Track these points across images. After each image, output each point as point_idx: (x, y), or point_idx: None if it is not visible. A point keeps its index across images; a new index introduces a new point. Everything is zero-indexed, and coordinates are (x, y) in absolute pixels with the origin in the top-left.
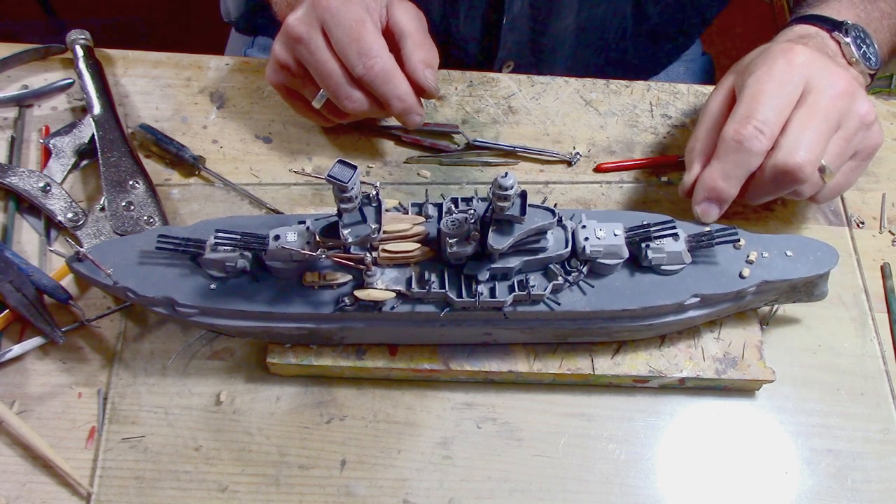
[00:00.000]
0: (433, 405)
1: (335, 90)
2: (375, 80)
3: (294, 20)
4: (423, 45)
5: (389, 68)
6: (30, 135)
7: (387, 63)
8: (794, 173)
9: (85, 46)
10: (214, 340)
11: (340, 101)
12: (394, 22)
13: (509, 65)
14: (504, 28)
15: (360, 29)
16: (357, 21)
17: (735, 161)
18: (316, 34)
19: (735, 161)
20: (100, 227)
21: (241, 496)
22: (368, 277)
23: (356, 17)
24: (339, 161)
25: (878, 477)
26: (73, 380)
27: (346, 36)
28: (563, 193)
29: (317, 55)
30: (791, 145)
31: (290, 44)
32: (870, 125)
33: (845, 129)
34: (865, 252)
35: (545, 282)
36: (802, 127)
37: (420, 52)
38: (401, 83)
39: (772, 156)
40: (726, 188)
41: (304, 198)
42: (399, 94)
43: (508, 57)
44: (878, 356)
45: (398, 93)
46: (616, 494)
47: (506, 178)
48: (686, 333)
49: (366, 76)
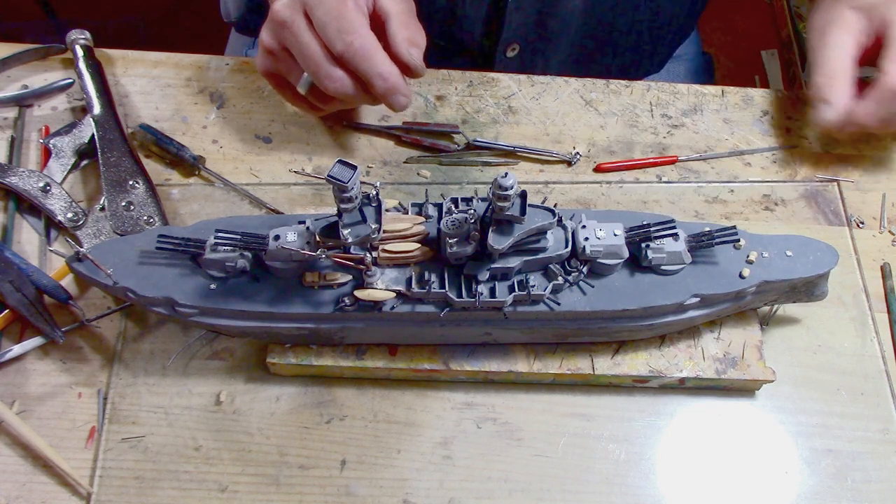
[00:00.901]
0: (433, 405)
1: (316, 70)
2: (355, 56)
3: (279, 5)
4: (409, 25)
5: (370, 45)
6: (30, 135)
7: (367, 39)
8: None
9: (85, 46)
10: (214, 340)
11: (322, 81)
12: (380, 5)
13: (514, 48)
14: (510, 7)
15: (341, 7)
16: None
17: (889, 108)
18: (299, 17)
19: (889, 108)
20: (100, 227)
21: (241, 496)
22: (368, 277)
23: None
24: (339, 161)
25: (878, 477)
26: (73, 380)
27: (326, 14)
28: (563, 193)
29: (299, 37)
30: None
31: (275, 29)
32: None
33: None
34: (865, 252)
35: (545, 282)
36: None
37: (404, 31)
38: (382, 61)
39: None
40: (874, 125)
41: (304, 198)
42: (381, 73)
43: (513, 38)
44: (878, 356)
45: (380, 70)
46: (616, 494)
47: (506, 178)
48: (686, 333)
49: (346, 53)
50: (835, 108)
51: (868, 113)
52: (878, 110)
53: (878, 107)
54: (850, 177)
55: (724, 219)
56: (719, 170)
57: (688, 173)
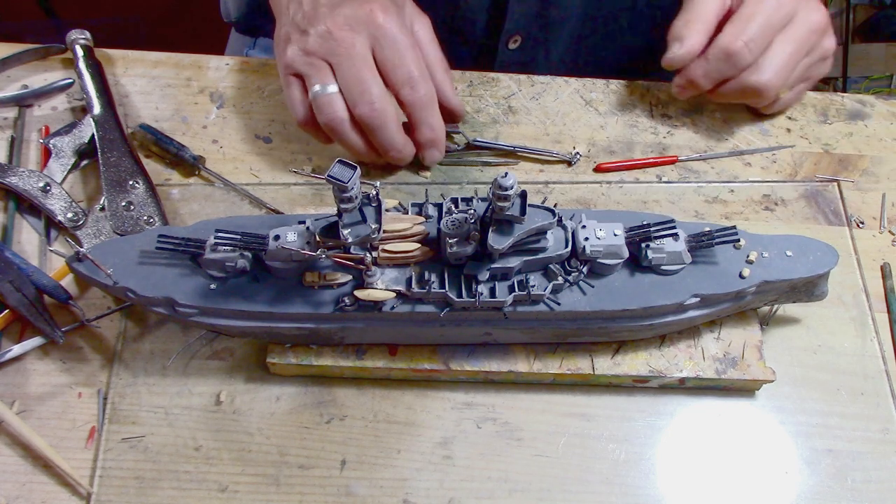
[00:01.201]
0: (433, 405)
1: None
2: (374, 120)
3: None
4: (448, 70)
5: (386, 120)
6: (30, 135)
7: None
8: (761, 91)
9: (85, 46)
10: (214, 340)
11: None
12: (421, 45)
13: (516, 39)
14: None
15: (360, 69)
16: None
17: (719, 67)
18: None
19: (719, 67)
20: (100, 227)
21: (241, 496)
22: (368, 277)
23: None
24: (339, 161)
25: (878, 477)
26: (73, 380)
27: (347, 73)
28: (563, 193)
29: None
30: (766, 66)
31: None
32: (826, 59)
33: (810, 58)
34: (865, 252)
35: (545, 282)
36: (780, 52)
37: (449, 81)
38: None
39: (748, 71)
40: (704, 84)
41: (304, 198)
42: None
43: (515, 29)
44: (878, 356)
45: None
46: (616, 494)
47: (506, 178)
48: (686, 333)
49: (364, 116)
50: (686, 46)
51: (700, 70)
52: (708, 68)
53: (709, 65)
54: (850, 177)
55: (724, 219)
56: (719, 170)
57: (688, 173)
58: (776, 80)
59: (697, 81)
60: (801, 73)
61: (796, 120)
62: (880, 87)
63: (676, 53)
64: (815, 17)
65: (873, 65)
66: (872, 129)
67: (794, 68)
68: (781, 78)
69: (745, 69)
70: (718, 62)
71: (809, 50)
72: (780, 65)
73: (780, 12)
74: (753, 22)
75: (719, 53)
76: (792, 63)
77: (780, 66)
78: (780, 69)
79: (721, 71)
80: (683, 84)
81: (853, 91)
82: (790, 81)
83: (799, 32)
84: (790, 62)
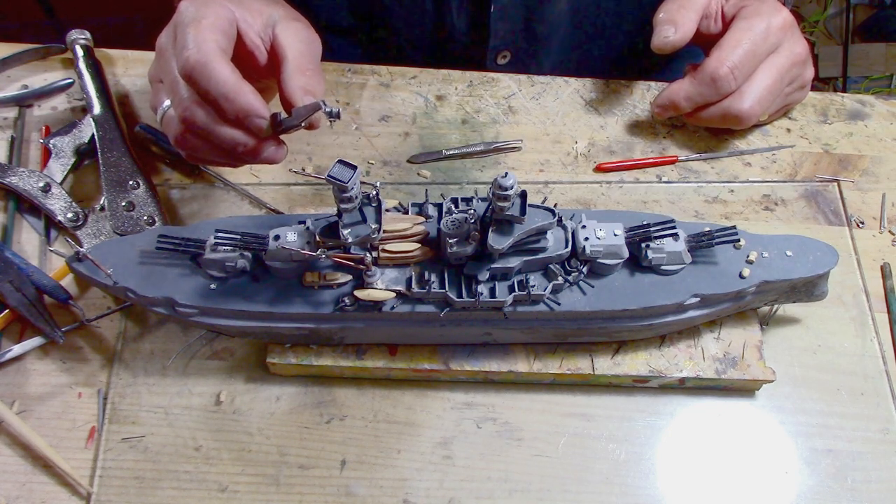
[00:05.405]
0: (433, 405)
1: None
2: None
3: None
4: (306, 70)
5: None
6: (30, 135)
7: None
8: (741, 118)
9: (85, 46)
10: (214, 340)
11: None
12: (277, 42)
13: (505, 55)
14: (493, 17)
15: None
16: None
17: (702, 91)
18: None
19: (702, 91)
20: (100, 227)
21: (241, 496)
22: (368, 277)
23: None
24: (339, 161)
25: (878, 477)
26: (73, 380)
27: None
28: (563, 193)
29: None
30: (748, 94)
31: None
32: (805, 87)
33: (791, 87)
34: (865, 252)
35: (545, 282)
36: (763, 81)
37: (300, 78)
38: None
39: (730, 98)
40: (685, 107)
41: (304, 198)
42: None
43: (502, 46)
44: (878, 356)
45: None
46: (616, 494)
47: (506, 178)
48: (686, 333)
49: (183, 69)
50: (681, 31)
51: (683, 93)
52: (690, 91)
53: (691, 87)
54: (850, 177)
55: (724, 219)
56: (719, 170)
57: (688, 173)
58: (757, 107)
59: (679, 104)
60: (781, 103)
61: (796, 120)
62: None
63: (670, 38)
64: (798, 48)
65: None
66: (872, 129)
67: (776, 98)
68: (762, 106)
69: (728, 95)
70: (703, 86)
71: (791, 80)
72: (762, 93)
73: (766, 42)
74: (740, 48)
75: (705, 78)
76: (774, 92)
77: (762, 95)
78: (761, 98)
79: (704, 95)
80: (665, 105)
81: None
82: (770, 109)
83: (783, 63)
84: (772, 91)
